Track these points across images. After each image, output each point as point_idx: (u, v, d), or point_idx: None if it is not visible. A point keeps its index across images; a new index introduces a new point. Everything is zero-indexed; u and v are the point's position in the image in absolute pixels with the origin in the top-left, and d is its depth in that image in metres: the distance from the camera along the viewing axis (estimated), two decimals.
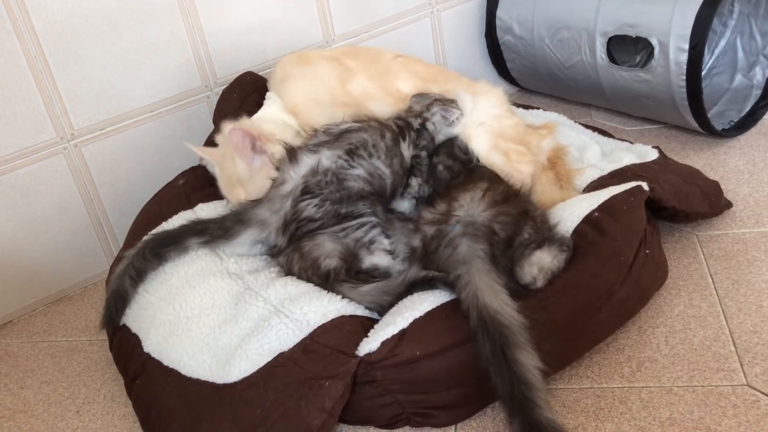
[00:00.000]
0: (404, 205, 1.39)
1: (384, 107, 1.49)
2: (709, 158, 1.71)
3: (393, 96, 1.50)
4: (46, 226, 1.61)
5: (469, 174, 1.37)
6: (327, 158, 1.30)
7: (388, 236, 1.30)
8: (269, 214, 1.30)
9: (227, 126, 1.42)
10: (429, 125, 1.42)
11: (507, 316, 1.05)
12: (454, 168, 1.40)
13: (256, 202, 1.33)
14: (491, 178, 1.34)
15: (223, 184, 1.45)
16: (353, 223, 1.28)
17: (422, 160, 1.40)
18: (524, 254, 1.17)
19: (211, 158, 1.46)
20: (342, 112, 1.46)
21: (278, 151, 1.37)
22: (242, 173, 1.38)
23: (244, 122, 1.45)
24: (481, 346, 1.04)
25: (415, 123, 1.42)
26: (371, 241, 1.28)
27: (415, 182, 1.38)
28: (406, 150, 1.39)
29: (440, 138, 1.44)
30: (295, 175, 1.30)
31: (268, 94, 1.55)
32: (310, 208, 1.27)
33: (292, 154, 1.32)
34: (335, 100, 1.48)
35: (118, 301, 1.30)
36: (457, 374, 1.10)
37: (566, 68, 1.95)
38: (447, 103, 1.44)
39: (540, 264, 1.16)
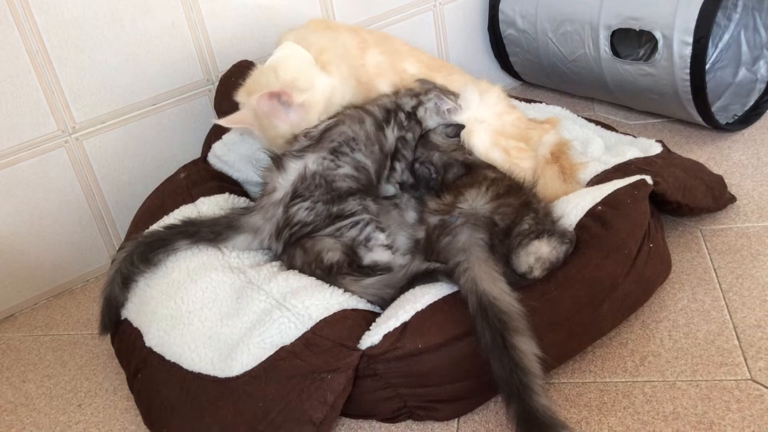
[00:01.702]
0: (390, 189, 1.39)
1: (390, 86, 1.50)
2: (713, 152, 1.71)
3: (399, 75, 1.51)
4: (47, 219, 1.61)
5: (468, 169, 1.37)
6: (313, 162, 1.30)
7: (383, 230, 1.30)
8: (262, 222, 1.30)
9: (243, 95, 1.38)
10: (420, 110, 1.42)
11: (506, 303, 1.05)
12: (434, 160, 1.39)
13: (249, 210, 1.33)
14: (495, 173, 1.34)
15: (271, 145, 1.40)
16: (346, 222, 1.28)
17: (407, 143, 1.39)
18: (522, 243, 1.16)
19: (244, 125, 1.40)
20: (356, 91, 1.45)
21: (307, 97, 1.35)
22: (285, 132, 1.37)
23: (261, 79, 1.39)
24: (480, 333, 1.04)
25: (408, 105, 1.42)
26: (367, 239, 1.28)
27: (399, 167, 1.38)
28: (391, 133, 1.38)
29: (429, 124, 1.43)
30: (284, 182, 1.29)
31: (282, 45, 1.49)
32: (301, 212, 1.27)
33: (277, 162, 1.31)
34: (355, 70, 1.47)
35: (110, 308, 1.31)
36: (459, 367, 1.10)
37: (569, 62, 1.94)
38: (447, 94, 1.43)
39: (537, 253, 1.16)
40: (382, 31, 1.72)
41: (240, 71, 1.64)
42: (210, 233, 1.31)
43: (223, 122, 1.40)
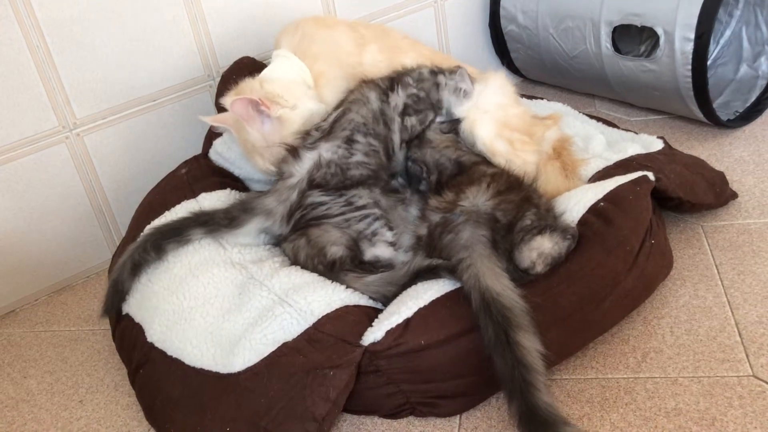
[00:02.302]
0: (401, 163, 1.41)
1: None
2: (714, 149, 1.71)
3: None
4: (48, 215, 1.61)
5: (460, 167, 1.37)
6: (326, 150, 1.32)
7: (391, 228, 1.30)
8: (276, 204, 1.31)
9: (229, 98, 1.41)
10: (440, 77, 1.43)
11: (509, 299, 1.06)
12: (427, 158, 1.38)
13: (263, 193, 1.34)
14: (493, 169, 1.34)
15: (243, 150, 1.45)
16: (356, 214, 1.28)
17: (420, 99, 1.40)
18: (524, 239, 1.16)
19: (226, 125, 1.45)
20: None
21: (285, 112, 1.37)
22: (256, 141, 1.39)
23: (246, 87, 1.43)
24: (483, 329, 1.04)
25: (425, 70, 1.43)
26: (373, 233, 1.28)
27: (409, 122, 1.39)
28: (397, 97, 1.39)
29: (443, 95, 1.43)
30: (300, 170, 1.31)
31: (276, 52, 1.51)
32: (315, 193, 1.29)
33: (293, 152, 1.33)
34: (353, 69, 1.48)
35: (116, 292, 1.31)
36: (461, 363, 1.10)
37: (570, 58, 1.94)
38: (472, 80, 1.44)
39: (540, 249, 1.16)
40: (382, 25, 1.72)
41: (241, 68, 1.64)
42: (224, 218, 1.31)
43: (206, 119, 1.45)
